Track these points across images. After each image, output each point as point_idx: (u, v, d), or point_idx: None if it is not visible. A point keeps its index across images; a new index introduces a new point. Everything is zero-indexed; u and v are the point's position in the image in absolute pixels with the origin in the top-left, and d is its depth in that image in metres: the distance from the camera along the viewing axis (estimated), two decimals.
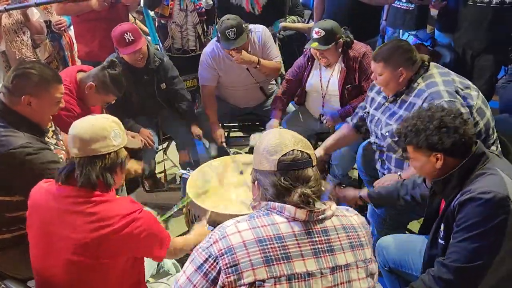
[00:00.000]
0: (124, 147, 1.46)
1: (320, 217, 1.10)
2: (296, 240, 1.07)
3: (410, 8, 3.60)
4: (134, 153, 1.75)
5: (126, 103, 2.71)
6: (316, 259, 1.07)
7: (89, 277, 1.37)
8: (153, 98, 2.87)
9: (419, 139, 1.47)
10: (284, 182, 1.10)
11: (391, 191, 1.90)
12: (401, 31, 3.85)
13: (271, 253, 1.04)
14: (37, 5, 2.80)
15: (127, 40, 2.55)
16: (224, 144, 2.84)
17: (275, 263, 1.04)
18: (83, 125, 1.40)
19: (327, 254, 1.09)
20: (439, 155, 1.45)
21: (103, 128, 1.39)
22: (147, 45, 2.71)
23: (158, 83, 2.84)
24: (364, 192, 2.00)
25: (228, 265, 1.03)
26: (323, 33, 2.50)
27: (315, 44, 2.53)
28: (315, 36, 2.53)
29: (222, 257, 1.03)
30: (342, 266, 1.10)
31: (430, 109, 1.51)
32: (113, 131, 1.41)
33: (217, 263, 1.04)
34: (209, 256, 1.05)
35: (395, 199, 1.88)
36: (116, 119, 1.48)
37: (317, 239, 1.08)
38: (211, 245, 1.06)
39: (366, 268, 1.13)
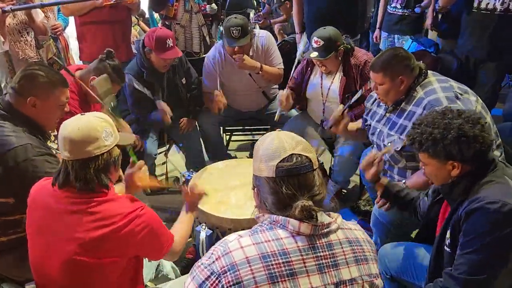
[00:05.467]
0: (116, 144, 1.43)
1: (325, 230, 1.07)
2: (301, 255, 1.03)
3: (406, 13, 3.62)
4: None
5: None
6: (321, 274, 1.04)
7: (89, 277, 1.36)
8: (178, 96, 2.94)
9: (436, 149, 1.40)
10: (286, 190, 1.06)
11: (408, 196, 1.81)
12: (396, 36, 3.87)
13: (275, 270, 1.01)
14: (43, 6, 2.81)
15: (167, 46, 2.62)
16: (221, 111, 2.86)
17: (279, 280, 1.00)
18: (73, 127, 1.34)
19: (332, 269, 1.06)
20: (456, 163, 1.40)
21: (94, 129, 1.35)
22: None
23: (180, 78, 2.91)
24: (384, 179, 1.89)
25: (231, 283, 0.99)
26: (322, 42, 2.48)
27: (315, 54, 2.51)
28: (314, 45, 2.51)
29: (225, 274, 1.00)
30: (347, 281, 1.07)
31: (446, 114, 1.43)
32: (104, 131, 1.37)
33: (219, 281, 1.00)
34: (212, 274, 1.01)
35: (407, 206, 1.82)
36: (106, 117, 1.43)
37: (321, 254, 1.05)
38: (213, 262, 1.02)
39: (371, 283, 1.10)
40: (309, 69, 2.79)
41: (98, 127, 1.36)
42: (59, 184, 1.37)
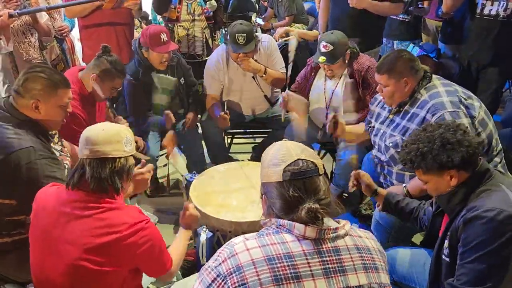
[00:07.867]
0: (132, 156, 1.47)
1: (331, 235, 1.07)
2: (306, 259, 1.04)
3: (407, 20, 3.65)
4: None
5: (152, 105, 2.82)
6: (327, 279, 1.04)
7: (90, 283, 1.37)
8: (177, 96, 2.95)
9: (427, 162, 1.44)
10: (293, 193, 1.08)
11: (408, 206, 1.83)
12: (396, 42, 3.89)
13: (281, 272, 1.02)
14: (48, 9, 2.82)
15: (162, 40, 2.65)
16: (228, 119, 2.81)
17: (284, 282, 1.01)
18: (98, 128, 1.42)
19: (339, 275, 1.05)
20: (452, 172, 1.42)
21: (117, 133, 1.42)
22: None
23: (179, 79, 2.91)
24: (382, 191, 1.92)
25: (237, 284, 1.00)
26: (330, 47, 2.48)
27: (323, 59, 2.51)
28: (322, 50, 2.51)
29: (231, 276, 1.02)
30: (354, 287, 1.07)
31: (426, 129, 1.49)
32: (126, 137, 1.44)
33: (225, 283, 1.01)
34: (218, 276, 1.03)
35: (408, 216, 1.83)
36: (128, 128, 1.50)
37: (327, 258, 1.06)
38: (219, 264, 1.04)
39: None
40: (313, 73, 2.79)
41: (121, 133, 1.43)
42: (73, 183, 1.39)
